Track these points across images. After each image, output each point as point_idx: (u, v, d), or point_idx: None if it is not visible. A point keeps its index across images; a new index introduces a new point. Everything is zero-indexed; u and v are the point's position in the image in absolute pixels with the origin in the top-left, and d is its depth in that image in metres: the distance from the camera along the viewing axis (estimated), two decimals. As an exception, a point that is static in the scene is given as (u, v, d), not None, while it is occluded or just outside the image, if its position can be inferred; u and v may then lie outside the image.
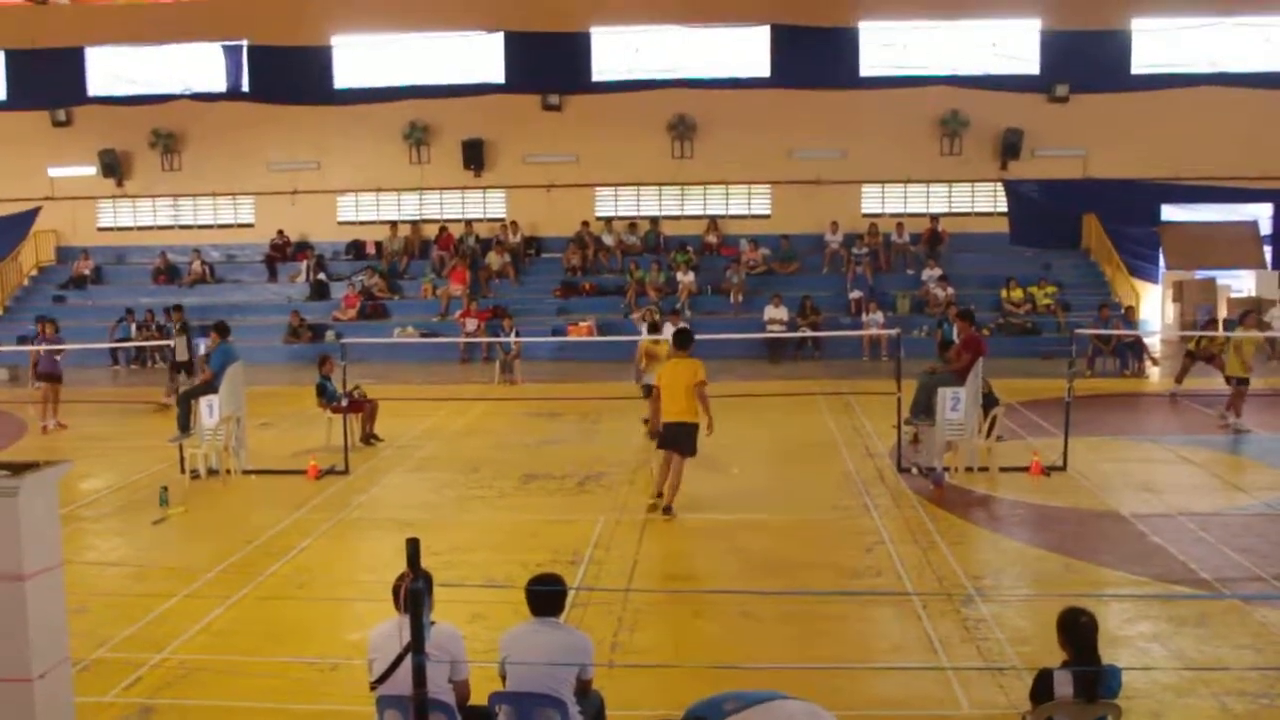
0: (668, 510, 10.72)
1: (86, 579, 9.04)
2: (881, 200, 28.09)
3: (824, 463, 13.56)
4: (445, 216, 28.87)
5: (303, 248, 28.51)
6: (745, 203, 28.57)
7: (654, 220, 28.17)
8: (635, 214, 28.56)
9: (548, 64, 27.73)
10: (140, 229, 29.82)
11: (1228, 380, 15.76)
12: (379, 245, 28.48)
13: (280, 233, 28.56)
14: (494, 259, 27.24)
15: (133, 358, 24.89)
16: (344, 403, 14.20)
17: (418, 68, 28.43)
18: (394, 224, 28.62)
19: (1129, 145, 26.37)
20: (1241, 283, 26.99)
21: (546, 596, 5.59)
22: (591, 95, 27.88)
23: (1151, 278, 26.94)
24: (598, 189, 28.60)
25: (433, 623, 5.45)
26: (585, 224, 27.89)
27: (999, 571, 9.48)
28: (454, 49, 28.38)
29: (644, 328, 20.75)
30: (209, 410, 13.13)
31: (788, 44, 27.28)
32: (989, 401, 13.06)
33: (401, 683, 4.68)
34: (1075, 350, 13.89)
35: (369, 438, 15.15)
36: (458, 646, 5.44)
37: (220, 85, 28.95)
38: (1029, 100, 26.96)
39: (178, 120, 28.91)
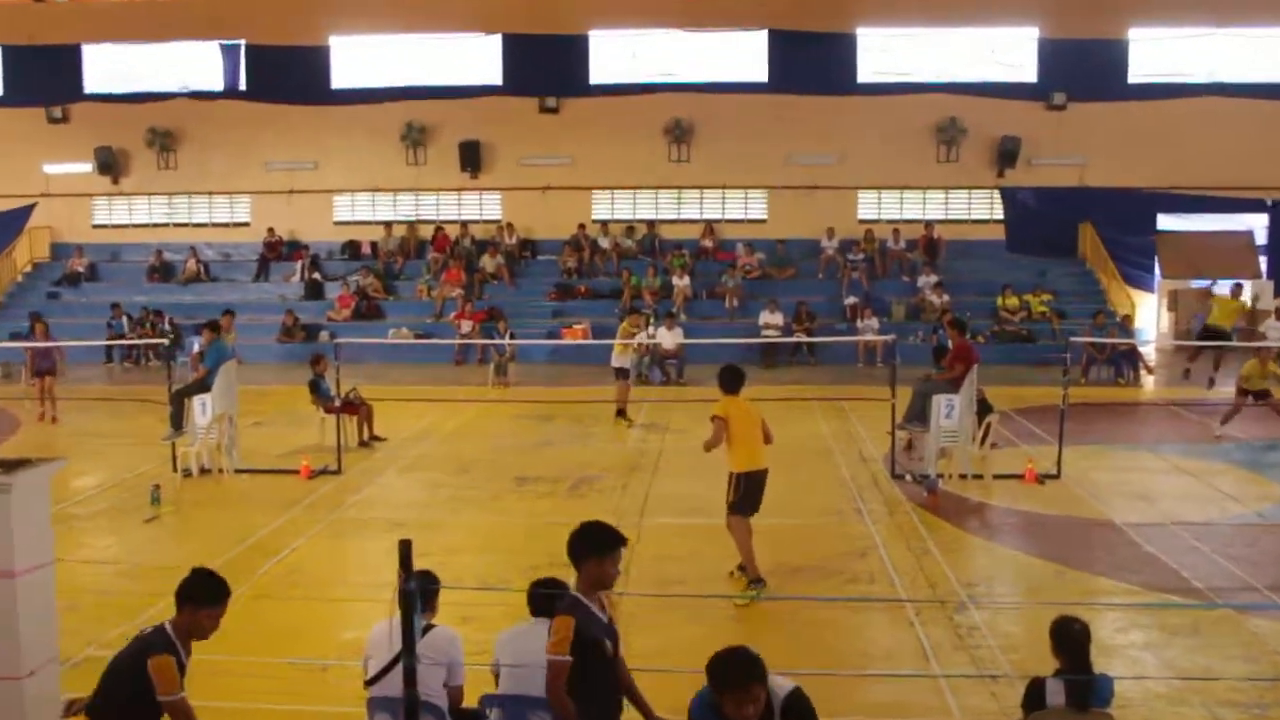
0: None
1: (77, 577, 9.01)
2: (878, 206, 28.10)
3: (818, 468, 13.56)
4: (441, 218, 28.84)
5: (296, 247, 28.47)
6: (742, 207, 28.57)
7: (650, 224, 28.16)
8: (631, 217, 28.55)
9: (545, 66, 27.71)
10: (135, 226, 29.75)
11: (1246, 394, 15.60)
12: (374, 245, 28.44)
13: (270, 230, 28.49)
14: (489, 261, 27.22)
15: (126, 355, 24.85)
16: (337, 402, 14.18)
17: (415, 69, 28.40)
18: (390, 224, 28.57)
19: (1126, 154, 26.40)
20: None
21: (547, 599, 5.58)
22: (588, 98, 27.86)
23: (1147, 286, 26.96)
24: (594, 192, 28.58)
25: (432, 625, 5.44)
26: (581, 227, 27.87)
27: (992, 579, 9.50)
28: (451, 50, 28.37)
29: (641, 334, 20.73)
30: (202, 409, 13.11)
31: (785, 49, 27.28)
32: (983, 409, 13.06)
33: (395, 684, 4.67)
34: (1070, 358, 13.92)
35: (369, 440, 15.10)
36: (456, 650, 5.44)
37: (218, 84, 28.90)
38: (1026, 108, 27.00)
39: (174, 119, 28.85)
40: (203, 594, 5.03)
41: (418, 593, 4.38)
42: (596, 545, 5.05)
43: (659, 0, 27.44)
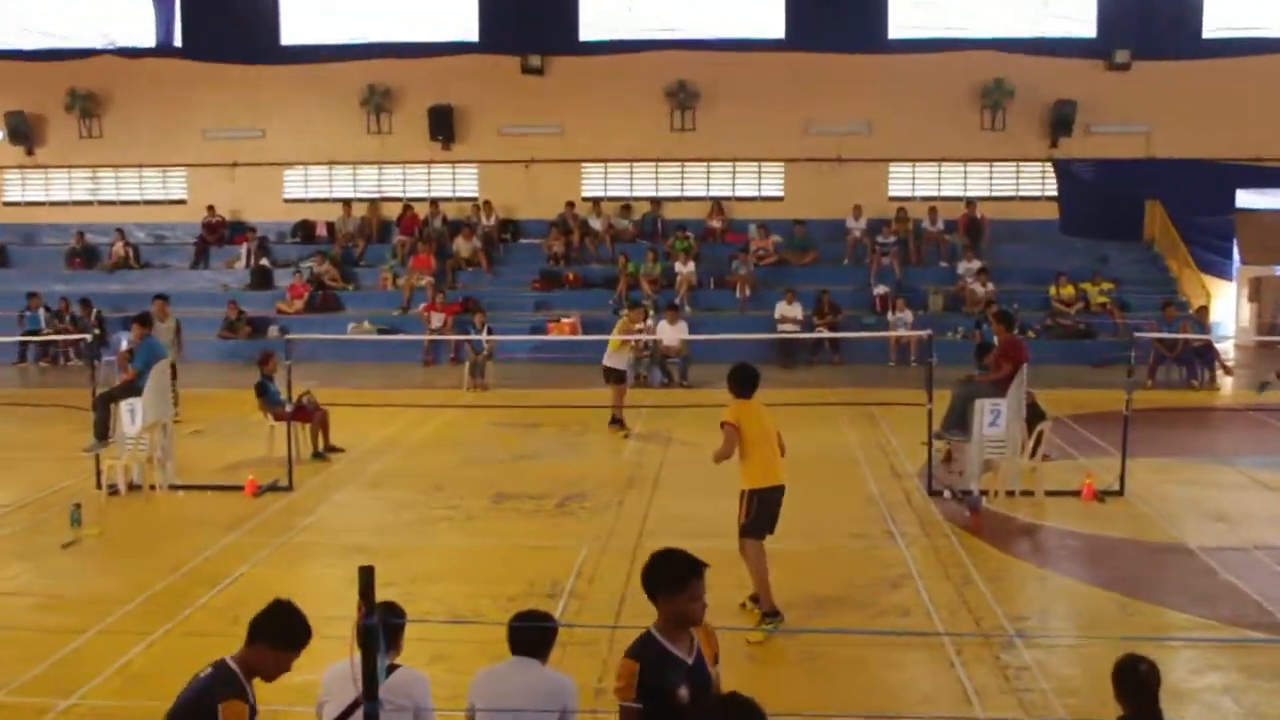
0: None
1: (-15, 610, 9.00)
2: (912, 182, 28.15)
3: (843, 483, 13.56)
4: (408, 195, 28.88)
5: (241, 229, 28.45)
6: (754, 183, 28.59)
7: (650, 202, 28.16)
8: (628, 195, 28.58)
9: (528, 20, 27.71)
10: (53, 204, 29.78)
11: None
12: (331, 227, 28.44)
13: (211, 209, 28.46)
14: (464, 244, 27.21)
15: (42, 353, 24.79)
16: (288, 407, 14.16)
17: (378, 23, 28.39)
18: (349, 202, 28.57)
19: (1199, 121, 26.41)
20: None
21: (531, 634, 5.56)
22: (579, 57, 27.87)
23: (1224, 273, 26.96)
24: (585, 166, 28.60)
25: (397, 665, 5.43)
26: (570, 205, 27.88)
27: (1044, 612, 9.49)
28: (420, 2, 28.36)
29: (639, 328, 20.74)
30: (131, 415, 13.07)
31: (805, 0, 27.30)
32: (1034, 415, 13.06)
33: (353, 733, 4.65)
34: (1135, 357, 13.90)
35: (325, 451, 15.09)
36: (423, 693, 5.43)
37: (149, 39, 28.91)
38: (1084, 68, 27.01)
39: (99, 79, 28.84)
40: (280, 635, 4.90)
41: (380, 628, 4.36)
42: (662, 582, 5.09)
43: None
